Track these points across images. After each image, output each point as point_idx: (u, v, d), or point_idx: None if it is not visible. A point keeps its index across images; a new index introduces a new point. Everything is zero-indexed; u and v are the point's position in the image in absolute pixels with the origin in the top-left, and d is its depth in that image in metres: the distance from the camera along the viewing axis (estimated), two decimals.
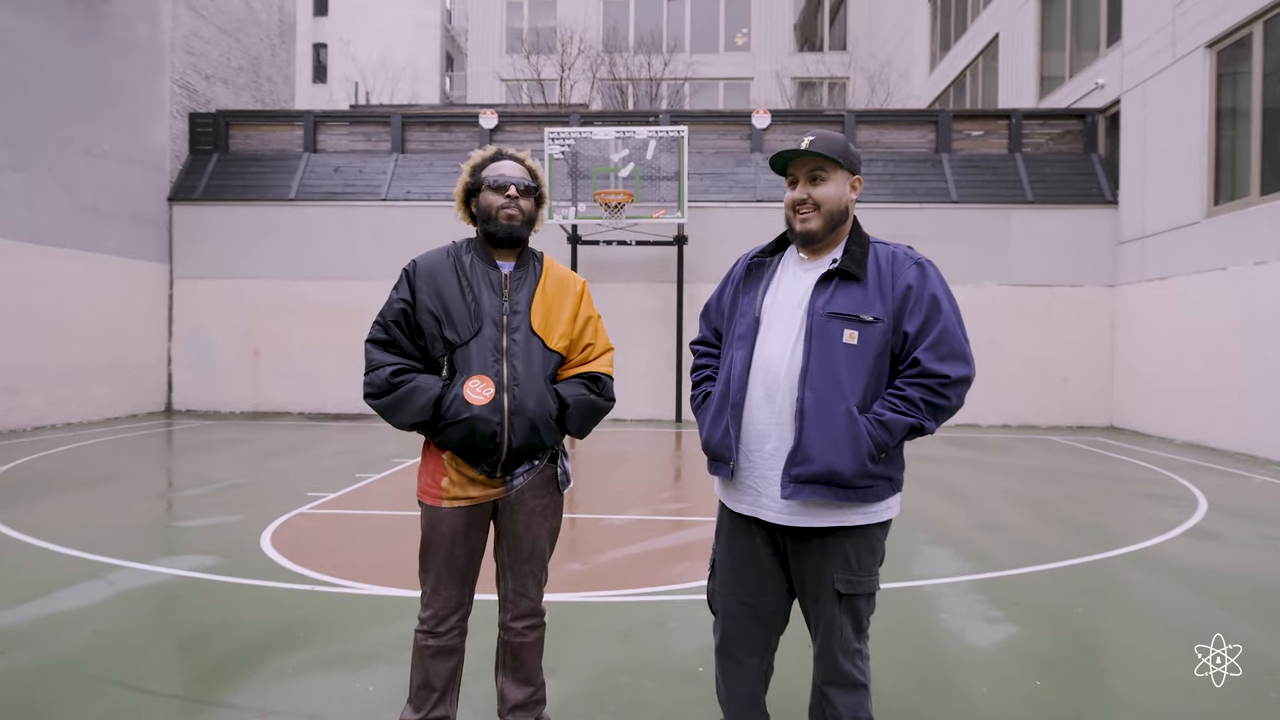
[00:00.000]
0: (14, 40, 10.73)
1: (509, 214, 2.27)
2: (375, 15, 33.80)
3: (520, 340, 2.24)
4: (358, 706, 2.86)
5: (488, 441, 2.17)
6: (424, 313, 2.24)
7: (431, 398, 2.17)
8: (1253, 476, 8.23)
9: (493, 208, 2.27)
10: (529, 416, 2.20)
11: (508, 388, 2.19)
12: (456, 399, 2.16)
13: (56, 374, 11.45)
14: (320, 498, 6.55)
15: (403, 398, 2.18)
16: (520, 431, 2.20)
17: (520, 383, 2.20)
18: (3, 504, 6.16)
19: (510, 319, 2.25)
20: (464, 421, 2.15)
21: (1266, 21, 9.71)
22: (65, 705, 2.83)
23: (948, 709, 2.92)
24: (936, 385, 2.06)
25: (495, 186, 2.28)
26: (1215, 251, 10.45)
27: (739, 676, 2.32)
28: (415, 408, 2.17)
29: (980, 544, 5.37)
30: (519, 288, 2.30)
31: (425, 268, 2.29)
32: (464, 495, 2.25)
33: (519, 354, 2.23)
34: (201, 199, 13.92)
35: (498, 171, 2.31)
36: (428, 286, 2.25)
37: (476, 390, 2.16)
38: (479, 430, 2.16)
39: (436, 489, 2.27)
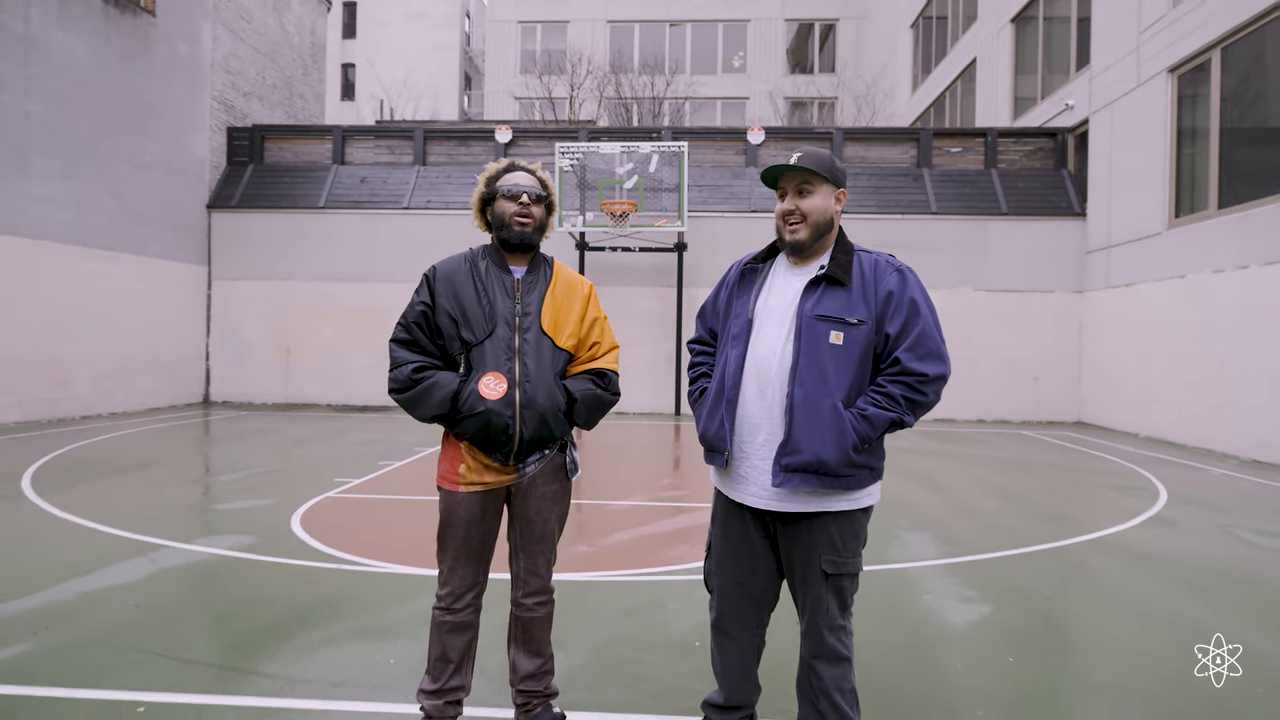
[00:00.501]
0: (68, 59, 10.74)
1: (521, 220, 2.28)
2: (399, 38, 33.81)
3: (531, 340, 2.24)
4: (379, 676, 2.86)
5: (501, 433, 2.17)
6: (442, 314, 2.24)
7: (449, 393, 2.18)
8: (1210, 469, 8.21)
9: (507, 214, 2.28)
10: (539, 410, 2.20)
11: (519, 384, 2.19)
12: (472, 394, 2.16)
13: (104, 367, 11.47)
14: (346, 483, 6.56)
15: (423, 393, 2.19)
16: (531, 424, 2.20)
17: (531, 379, 2.20)
18: (53, 487, 6.17)
19: (522, 320, 2.25)
20: (479, 415, 2.16)
21: (1225, 48, 9.68)
22: (111, 673, 2.84)
23: (925, 682, 2.91)
24: (915, 382, 2.07)
25: (509, 195, 2.28)
26: (1176, 260, 10.42)
27: (733, 650, 2.33)
28: (434, 402, 2.18)
29: (956, 530, 5.36)
30: (530, 290, 2.29)
31: (444, 273, 2.29)
32: (480, 481, 2.25)
33: (530, 352, 2.22)
34: (238, 207, 13.93)
35: (511, 181, 2.31)
36: (446, 290, 2.25)
37: (490, 386, 2.16)
38: (493, 423, 2.16)
39: (454, 475, 2.26)
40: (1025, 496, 6.64)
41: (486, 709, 2.59)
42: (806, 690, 2.22)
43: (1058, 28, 14.31)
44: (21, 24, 10.06)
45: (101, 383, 11.43)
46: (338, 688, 2.76)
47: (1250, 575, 4.39)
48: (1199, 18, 9.96)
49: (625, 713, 2.62)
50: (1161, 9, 10.75)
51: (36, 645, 3.08)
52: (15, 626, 3.27)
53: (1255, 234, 8.98)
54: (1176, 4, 10.47)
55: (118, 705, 2.60)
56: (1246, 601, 3.93)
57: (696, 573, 4.17)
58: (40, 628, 3.26)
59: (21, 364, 10.15)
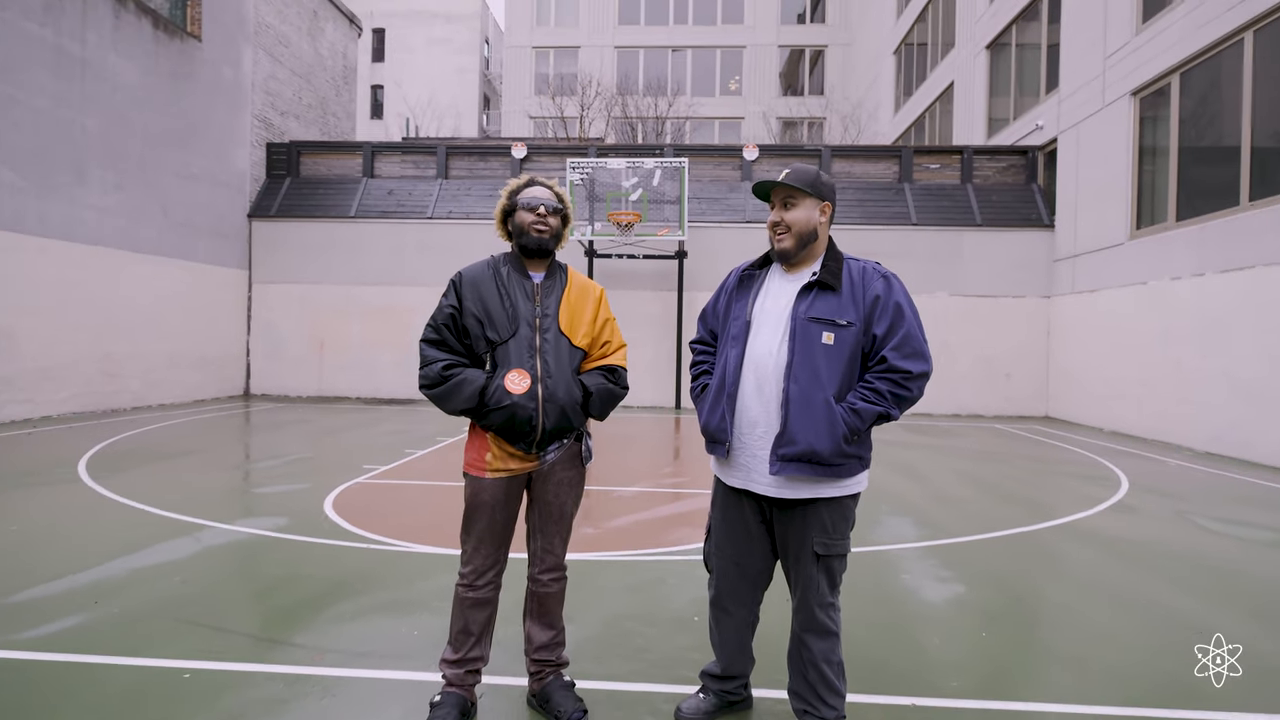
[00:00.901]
0: (121, 80, 10.75)
1: (539, 229, 2.28)
2: (423, 61, 33.80)
3: (551, 339, 2.24)
4: (404, 647, 2.85)
5: (525, 424, 2.18)
6: (469, 316, 2.24)
7: (477, 388, 2.18)
8: (1168, 461, 8.17)
9: (525, 224, 2.28)
10: (559, 403, 2.21)
11: (541, 379, 2.20)
12: (498, 389, 2.17)
13: (153, 362, 11.49)
14: (374, 470, 6.55)
15: (453, 388, 2.19)
16: (552, 415, 2.20)
17: (552, 375, 2.21)
18: (106, 472, 6.18)
19: (542, 321, 2.26)
20: (505, 408, 2.16)
21: (1183, 73, 9.62)
22: (158, 642, 2.84)
23: (906, 655, 2.90)
24: (900, 379, 2.07)
25: (528, 207, 2.29)
26: (1137, 268, 10.37)
27: (729, 625, 2.32)
28: (464, 396, 2.18)
29: (934, 515, 5.34)
30: (548, 294, 2.30)
31: (469, 278, 2.29)
32: (504, 468, 2.25)
33: (550, 350, 2.23)
34: (276, 216, 13.93)
35: (530, 195, 2.31)
36: (472, 294, 2.25)
37: (515, 382, 2.17)
38: (518, 415, 2.17)
39: (481, 463, 2.26)
40: (997, 485, 6.62)
41: (503, 677, 2.58)
42: (797, 662, 2.22)
43: (1029, 54, 14.25)
44: (79, 47, 10.08)
45: (151, 376, 11.46)
46: (365, 657, 2.75)
47: (1205, 557, 4.37)
48: (1159, 45, 9.91)
49: (630, 681, 2.61)
50: (1125, 37, 10.69)
51: (92, 617, 3.08)
52: (73, 599, 3.27)
53: (1211, 245, 8.93)
54: (1139, 32, 10.42)
55: (166, 671, 2.60)
56: (1202, 581, 3.90)
57: (695, 553, 4.17)
58: (97, 600, 3.26)
59: (78, 359, 10.18)
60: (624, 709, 2.40)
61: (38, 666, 2.62)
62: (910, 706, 2.47)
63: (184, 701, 2.39)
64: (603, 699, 2.45)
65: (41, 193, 9.57)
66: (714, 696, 2.36)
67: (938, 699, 2.53)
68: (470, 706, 2.30)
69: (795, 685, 2.24)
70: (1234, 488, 6.66)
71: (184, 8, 12.38)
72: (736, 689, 2.38)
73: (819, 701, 2.17)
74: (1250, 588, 3.84)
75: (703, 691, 2.39)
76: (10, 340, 9.20)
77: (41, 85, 9.54)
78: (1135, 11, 10.54)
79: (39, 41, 9.50)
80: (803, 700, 2.20)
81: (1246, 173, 8.57)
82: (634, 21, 28.79)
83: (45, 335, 9.67)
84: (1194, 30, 9.24)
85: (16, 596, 3.30)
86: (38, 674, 2.57)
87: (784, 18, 28.79)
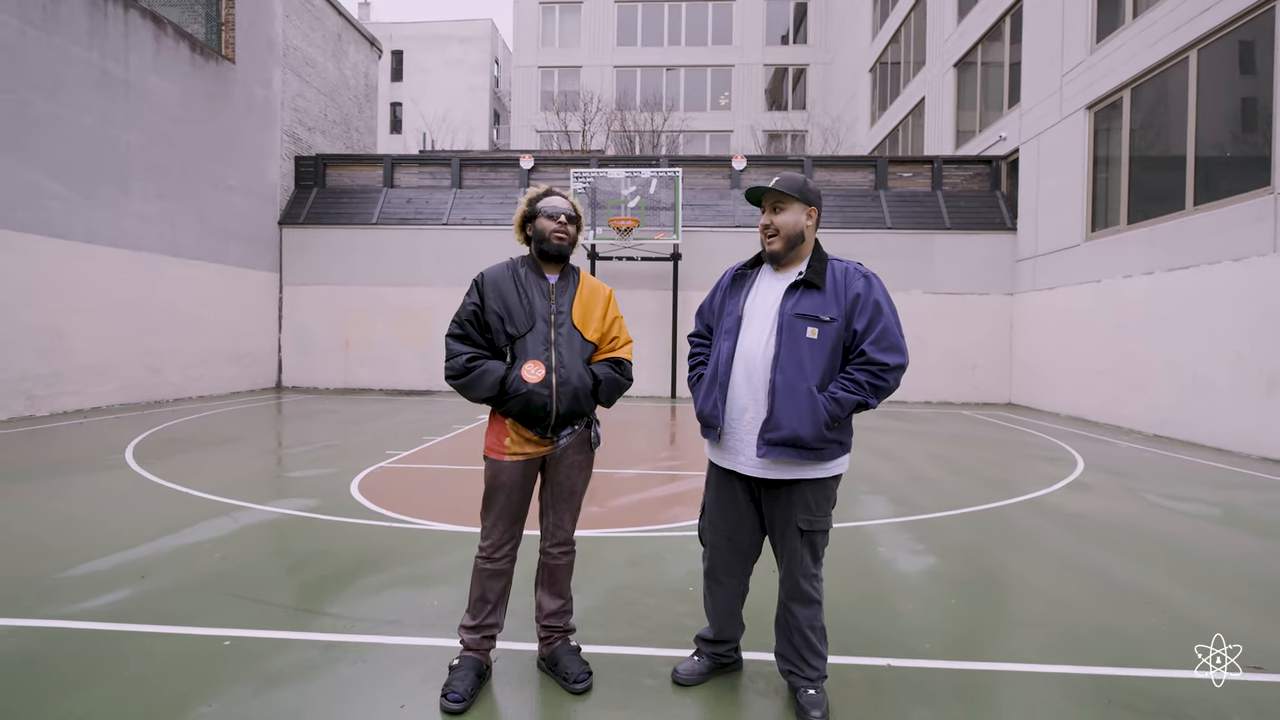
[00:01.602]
0: (161, 99, 10.68)
1: (559, 236, 2.29)
2: (438, 80, 33.62)
3: (564, 334, 2.25)
4: (426, 615, 2.86)
5: (540, 410, 2.19)
6: (490, 313, 2.25)
7: (498, 378, 2.19)
8: (1119, 443, 8.20)
9: (546, 231, 2.29)
10: (572, 389, 2.22)
11: (555, 370, 2.21)
12: (517, 379, 2.18)
13: (192, 357, 11.46)
14: (396, 455, 6.55)
15: (477, 378, 2.20)
16: (565, 401, 2.21)
17: (565, 365, 2.22)
18: (151, 458, 6.18)
19: (557, 317, 2.27)
20: (522, 395, 2.18)
21: (1134, 89, 9.60)
22: (202, 612, 2.85)
23: (882, 620, 2.91)
24: (878, 371, 2.07)
25: (549, 215, 2.30)
26: (1092, 268, 10.38)
27: (722, 594, 2.33)
28: (486, 385, 2.19)
29: (908, 494, 5.35)
30: (563, 293, 2.31)
31: (491, 278, 2.30)
32: (521, 452, 2.26)
33: (564, 344, 2.24)
34: (304, 223, 13.87)
35: (550, 204, 2.32)
36: (493, 293, 2.26)
37: (532, 372, 2.18)
38: (533, 402, 2.18)
39: (500, 447, 2.27)
40: (966, 466, 6.63)
41: (515, 643, 2.59)
42: (783, 627, 2.23)
43: (993, 72, 14.20)
44: (122, 69, 10.00)
45: (190, 371, 11.43)
46: (391, 625, 2.76)
47: (1153, 529, 4.39)
48: (1112, 63, 9.88)
49: (631, 646, 2.62)
50: (1080, 55, 10.66)
51: (140, 589, 3.09)
52: (122, 574, 3.28)
53: (1159, 245, 8.93)
54: (1093, 51, 10.38)
55: (208, 639, 2.60)
56: (1149, 551, 3.92)
57: (690, 529, 4.18)
58: (144, 575, 3.26)
59: (123, 355, 10.15)
60: (626, 671, 2.41)
61: (93, 635, 2.63)
62: (886, 667, 2.48)
63: (225, 666, 2.40)
64: (607, 662, 2.46)
65: (88, 203, 9.52)
66: (707, 659, 2.37)
67: (912, 660, 2.54)
68: (486, 669, 2.31)
69: (781, 648, 2.25)
70: (1178, 467, 6.68)
71: (219, 32, 12.28)
72: (728, 652, 2.39)
73: (803, 663, 2.18)
74: (1191, 556, 3.86)
75: (697, 654, 2.40)
76: (61, 338, 9.17)
77: (88, 104, 9.48)
78: (1089, 32, 10.50)
79: (85, 64, 9.43)
80: (788, 661, 2.21)
81: (1191, 180, 8.56)
82: (631, 43, 28.63)
83: (93, 333, 9.64)
84: (1144, 49, 9.21)
85: (73, 571, 3.30)
86: (92, 641, 2.57)
87: (769, 39, 28.65)
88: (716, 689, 2.31)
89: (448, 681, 2.20)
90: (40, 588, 3.09)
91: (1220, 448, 7.73)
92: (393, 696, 2.22)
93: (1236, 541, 4.18)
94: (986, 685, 2.38)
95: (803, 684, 2.17)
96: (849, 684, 2.35)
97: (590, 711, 2.16)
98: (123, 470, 5.65)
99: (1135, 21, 9.45)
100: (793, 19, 28.63)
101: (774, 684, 2.34)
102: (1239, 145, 7.95)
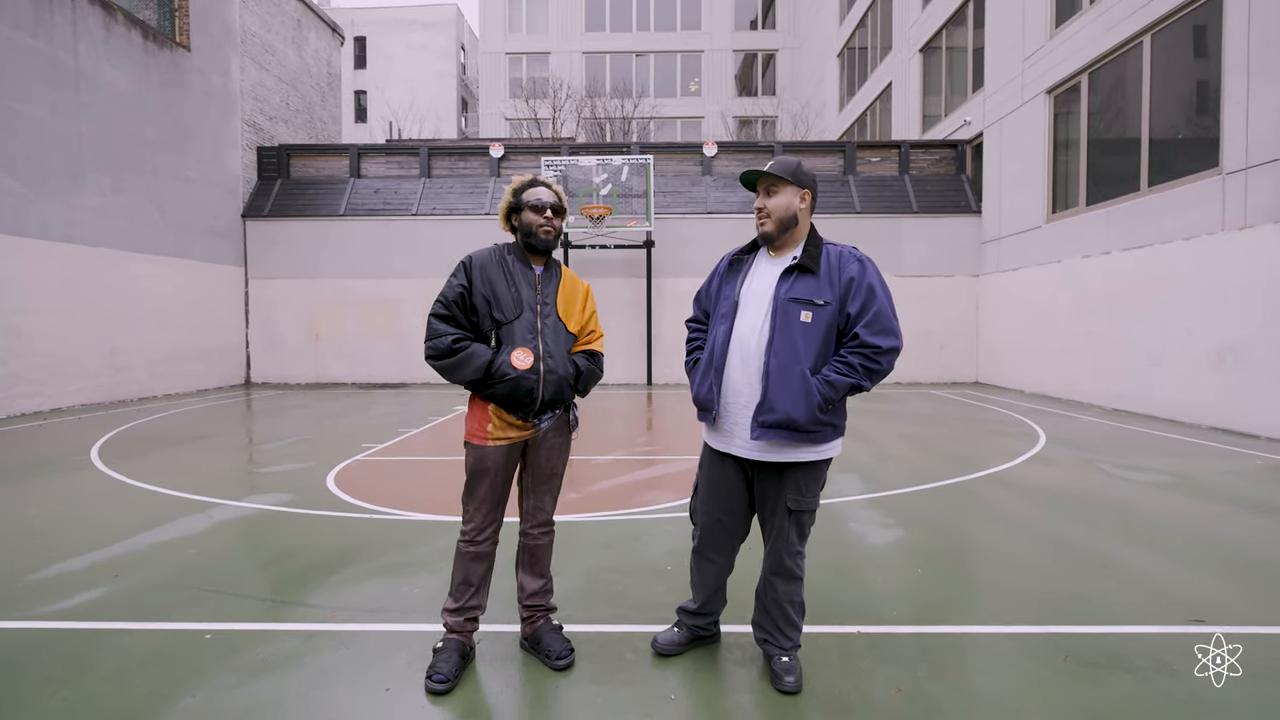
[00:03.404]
0: (114, 90, 10.32)
1: (547, 231, 2.32)
2: (403, 68, 32.92)
3: (550, 323, 2.29)
4: (408, 602, 2.89)
5: (526, 396, 2.23)
6: (478, 296, 2.27)
7: (485, 361, 2.22)
8: (1079, 417, 8.47)
9: (534, 225, 2.31)
10: (557, 377, 2.27)
11: (542, 357, 2.25)
12: (504, 363, 2.21)
13: (157, 354, 11.18)
14: (371, 448, 6.51)
15: (463, 360, 2.22)
16: (550, 388, 2.26)
17: (551, 354, 2.27)
18: (118, 457, 6.05)
19: (543, 307, 2.30)
20: (510, 380, 2.21)
21: (1091, 74, 9.84)
22: (179, 608, 2.84)
23: (853, 591, 3.02)
24: (871, 354, 2.09)
25: (535, 208, 2.31)
26: (1053, 249, 10.66)
27: (709, 570, 2.39)
28: (472, 368, 2.22)
29: (878, 471, 5.49)
30: (548, 284, 2.35)
31: (479, 261, 2.31)
32: (504, 436, 2.30)
33: (549, 333, 2.28)
34: (269, 216, 13.57)
35: (536, 195, 2.33)
36: (481, 276, 2.28)
37: (520, 359, 2.22)
38: (521, 387, 2.22)
39: (483, 432, 2.30)
40: (933, 443, 6.80)
41: (499, 625, 2.64)
42: (763, 598, 2.30)
43: (957, 57, 14.41)
44: (71, 57, 9.64)
45: (155, 369, 11.15)
46: (372, 613, 2.78)
47: (1109, 498, 4.58)
48: (1070, 48, 10.10)
49: (611, 623, 2.69)
50: (1040, 41, 10.87)
51: (114, 588, 3.05)
52: (95, 574, 3.23)
53: (1116, 226, 9.21)
54: (1052, 36, 10.60)
55: (187, 634, 2.60)
56: (1105, 518, 4.10)
57: (667, 512, 4.25)
58: (117, 574, 3.23)
59: (85, 354, 9.87)
60: (606, 648, 2.47)
61: (67, 635, 2.60)
62: (856, 634, 2.59)
63: (207, 658, 2.40)
64: (588, 639, 2.52)
65: (41, 198, 9.19)
66: (687, 630, 2.45)
67: (880, 626, 2.65)
68: (470, 650, 2.35)
69: (759, 618, 2.32)
70: (1134, 439, 6.95)
71: (173, 19, 11.88)
72: (708, 625, 2.46)
73: (779, 633, 2.26)
74: (1144, 522, 4.05)
75: (677, 625, 2.47)
76: (17, 337, 8.88)
77: (37, 95, 9.12)
78: (1049, 17, 10.71)
79: (32, 53, 9.06)
80: (764, 631, 2.30)
81: (1145, 162, 8.84)
82: (600, 29, 28.36)
83: (52, 332, 9.35)
84: (1101, 33, 9.44)
85: (42, 573, 3.25)
86: (67, 642, 2.55)
87: (738, 24, 28.60)
88: (694, 660, 2.39)
89: (432, 663, 2.24)
90: (9, 591, 3.03)
91: (1173, 419, 8.05)
92: (377, 681, 2.25)
93: (1185, 507, 4.40)
94: (950, 646, 2.49)
95: (777, 652, 2.25)
96: (821, 650, 2.44)
97: (572, 686, 2.22)
98: (88, 471, 5.53)
99: (1093, 7, 9.67)
100: (761, 4, 28.62)
101: (750, 653, 2.42)
102: (1191, 128, 8.23)
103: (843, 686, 2.20)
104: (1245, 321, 7.12)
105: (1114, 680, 2.24)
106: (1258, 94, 7.04)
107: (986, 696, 2.14)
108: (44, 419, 8.55)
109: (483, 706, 2.11)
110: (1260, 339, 6.95)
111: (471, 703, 2.12)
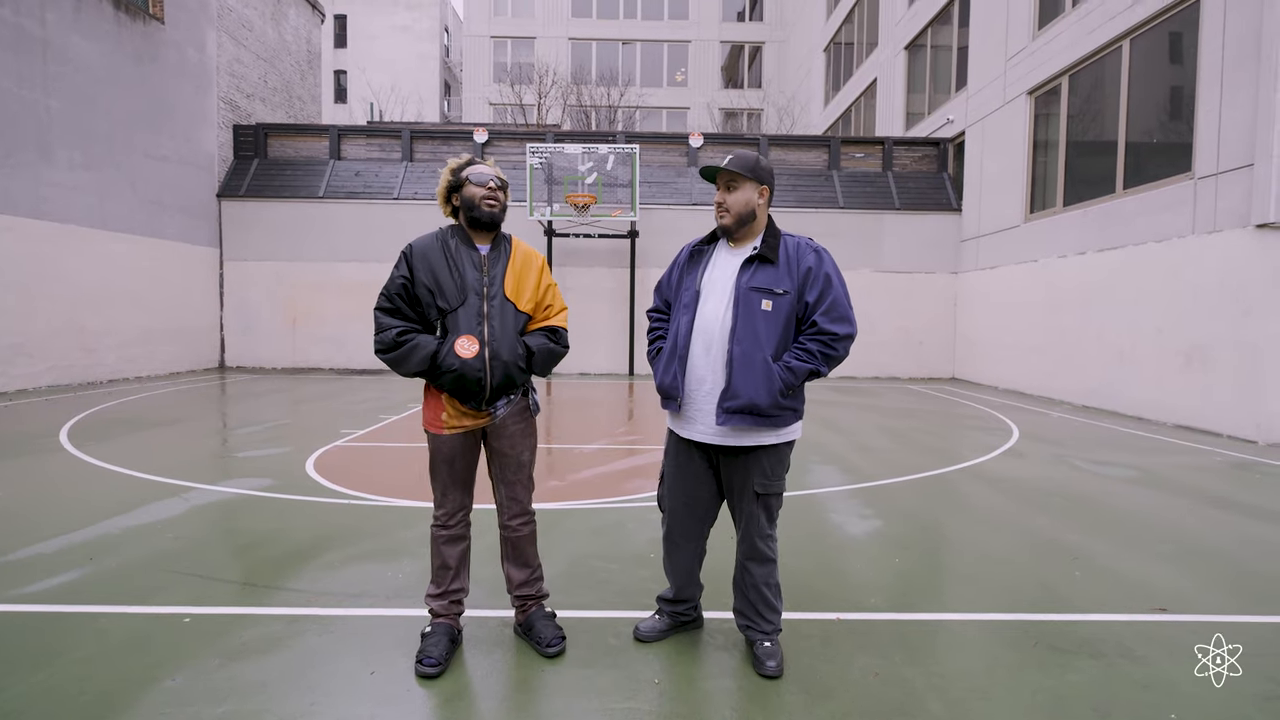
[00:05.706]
0: (83, 60, 10.00)
1: (490, 203, 2.26)
2: (385, 48, 32.29)
3: (497, 306, 2.24)
4: (392, 587, 2.89)
5: (474, 384, 2.20)
6: (420, 286, 2.22)
7: (429, 352, 2.19)
8: (1051, 413, 8.67)
9: (476, 198, 2.25)
10: (504, 362, 2.22)
11: (488, 343, 2.21)
12: (449, 353, 2.17)
13: (128, 336, 10.93)
14: (351, 434, 6.46)
15: (407, 353, 2.19)
16: (498, 374, 2.22)
17: (497, 339, 2.22)
18: (91, 440, 5.93)
19: (489, 289, 2.25)
20: (455, 370, 2.18)
21: (1072, 76, 10.00)
22: (157, 591, 2.81)
23: (832, 579, 3.08)
24: (829, 340, 2.16)
25: (478, 182, 2.26)
26: (1030, 247, 10.85)
27: (680, 556, 2.43)
28: (417, 360, 2.19)
29: (856, 462, 5.58)
30: (495, 264, 2.28)
31: (420, 249, 2.25)
32: (459, 425, 2.28)
33: (496, 317, 2.23)
34: (245, 196, 13.29)
35: (477, 171, 2.29)
36: (423, 265, 2.23)
37: (465, 347, 2.18)
38: (467, 375, 2.18)
39: (438, 421, 2.29)
40: (911, 436, 6.92)
41: (484, 610, 2.65)
42: (740, 585, 2.35)
43: (942, 55, 14.54)
44: (39, 27, 9.31)
45: (126, 351, 10.91)
46: (355, 597, 2.78)
47: (1078, 491, 4.71)
48: (1052, 50, 10.25)
49: (596, 609, 2.71)
50: (1023, 42, 11.02)
51: (88, 571, 3.01)
52: (69, 556, 3.18)
53: (1091, 227, 9.41)
54: (1035, 38, 10.75)
55: (167, 617, 2.58)
56: (1074, 510, 4.23)
57: (650, 500, 4.28)
58: (92, 556, 3.18)
59: (53, 334, 9.61)
60: (591, 633, 2.50)
61: (41, 618, 2.57)
62: (836, 620, 2.65)
63: (187, 641, 2.38)
64: (572, 625, 2.55)
65: (6, 172, 8.90)
66: (668, 617, 2.49)
67: (859, 613, 2.71)
68: (457, 634, 2.36)
69: (739, 605, 2.37)
70: (1103, 434, 7.14)
71: None
72: (687, 610, 2.50)
73: (759, 618, 2.31)
74: (1112, 514, 4.18)
75: (658, 613, 2.51)
76: None
77: (2, 65, 8.81)
78: (1032, 18, 10.85)
79: None
80: (745, 617, 2.34)
81: (1121, 164, 9.03)
82: (586, 15, 28.10)
83: (16, 310, 9.08)
84: (1082, 37, 9.59)
85: (14, 555, 3.19)
86: (41, 624, 2.51)
87: (725, 15, 28.53)
88: (677, 644, 2.43)
89: (422, 647, 2.25)
90: None
91: (1141, 416, 8.28)
92: (362, 664, 2.26)
93: (1149, 500, 4.54)
94: (925, 633, 2.56)
95: (759, 637, 2.30)
96: (802, 636, 2.50)
97: (557, 670, 2.24)
98: (58, 453, 5.41)
99: (1074, 10, 9.81)
100: None
101: (732, 639, 2.47)
102: (1165, 132, 8.42)
103: (823, 671, 2.26)
104: (1212, 323, 7.33)
105: (1080, 665, 2.32)
106: (1230, 101, 7.22)
107: (959, 680, 2.21)
108: (9, 400, 8.33)
109: (468, 690, 2.13)
110: (1225, 341, 7.17)
111: (456, 687, 2.14)
